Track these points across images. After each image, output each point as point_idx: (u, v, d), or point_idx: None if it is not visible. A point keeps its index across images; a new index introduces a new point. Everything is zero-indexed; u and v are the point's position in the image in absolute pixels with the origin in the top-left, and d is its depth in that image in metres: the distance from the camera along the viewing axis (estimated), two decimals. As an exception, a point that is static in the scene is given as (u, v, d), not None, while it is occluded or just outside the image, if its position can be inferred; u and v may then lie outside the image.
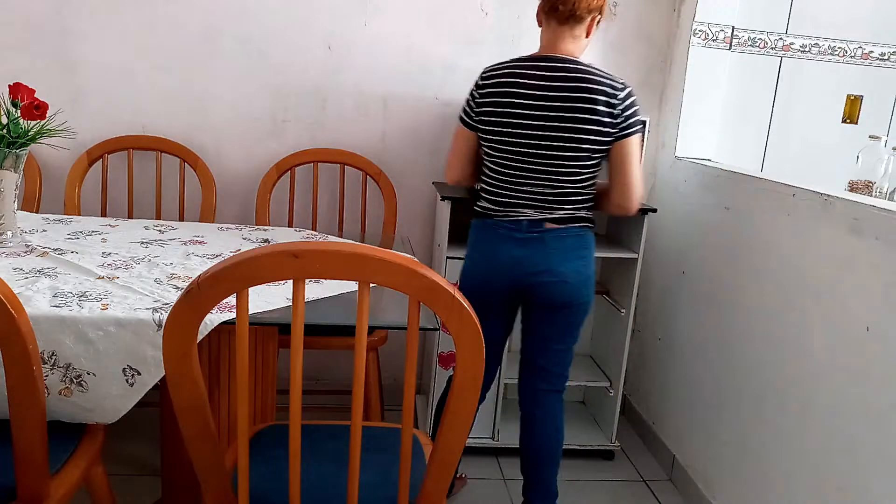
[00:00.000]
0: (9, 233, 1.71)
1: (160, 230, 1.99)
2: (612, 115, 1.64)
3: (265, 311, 1.38)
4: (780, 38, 2.53)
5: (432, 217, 2.59)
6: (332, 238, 2.11)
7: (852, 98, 2.57)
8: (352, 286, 1.55)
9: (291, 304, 1.03)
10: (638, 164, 1.72)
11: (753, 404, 1.88)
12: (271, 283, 1.18)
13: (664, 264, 2.50)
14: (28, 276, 1.48)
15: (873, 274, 1.47)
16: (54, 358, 1.29)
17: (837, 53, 2.55)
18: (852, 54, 2.55)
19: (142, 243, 1.83)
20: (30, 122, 1.67)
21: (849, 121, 2.58)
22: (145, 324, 1.30)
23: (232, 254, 1.51)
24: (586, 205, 1.76)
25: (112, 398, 1.32)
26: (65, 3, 2.31)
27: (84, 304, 1.34)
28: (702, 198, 2.26)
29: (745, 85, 2.54)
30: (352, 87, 2.46)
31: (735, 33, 2.44)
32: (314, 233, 2.25)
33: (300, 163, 2.41)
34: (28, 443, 1.16)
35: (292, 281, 1.02)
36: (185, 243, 1.86)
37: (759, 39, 2.52)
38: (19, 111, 1.64)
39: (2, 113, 1.64)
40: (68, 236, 1.85)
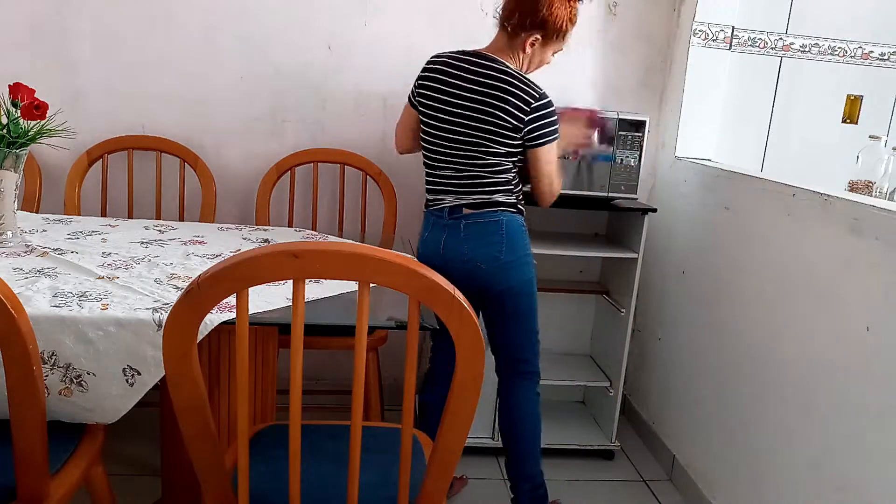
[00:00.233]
0: (9, 233, 1.71)
1: (160, 230, 1.99)
2: (519, 120, 1.72)
3: (265, 311, 1.38)
4: (780, 38, 2.53)
5: (432, 217, 2.58)
6: (332, 238, 2.11)
7: (852, 98, 2.57)
8: (352, 286, 1.55)
9: (291, 304, 1.03)
10: (547, 169, 1.80)
11: (753, 404, 1.88)
12: (271, 283, 1.18)
13: (664, 264, 2.50)
14: (28, 276, 1.48)
15: (873, 274, 1.47)
16: (54, 358, 1.29)
17: (837, 53, 2.55)
18: (852, 54, 2.55)
19: (142, 243, 1.83)
20: (30, 122, 1.67)
21: (849, 121, 2.58)
22: (145, 324, 1.30)
23: (232, 254, 1.51)
24: (503, 189, 1.79)
25: (112, 398, 1.32)
26: (65, 3, 2.31)
27: (84, 304, 1.34)
28: (702, 198, 2.26)
29: (745, 85, 2.54)
30: (352, 87, 2.46)
31: (735, 33, 2.44)
32: (314, 233, 2.25)
33: (300, 163, 2.41)
34: (28, 443, 1.16)
35: (292, 281, 1.02)
36: (185, 243, 1.86)
37: (759, 39, 2.52)
38: (19, 111, 1.64)
39: (2, 113, 1.64)
40: (68, 236, 1.85)
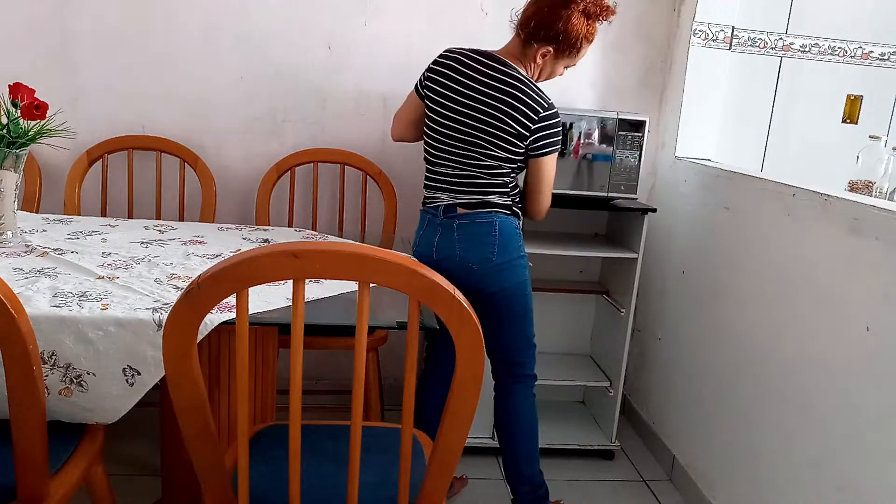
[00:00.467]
0: (9, 233, 1.71)
1: (160, 230, 1.99)
2: (525, 128, 1.73)
3: (265, 311, 1.38)
4: (780, 38, 2.53)
5: (432, 217, 2.58)
6: (332, 238, 2.11)
7: (852, 98, 2.57)
8: (352, 286, 1.55)
9: (291, 304, 1.03)
10: (545, 182, 1.82)
11: (753, 404, 1.88)
12: (271, 283, 1.18)
13: (664, 264, 2.50)
14: (28, 276, 1.48)
15: (873, 274, 1.47)
16: (54, 358, 1.29)
17: (837, 53, 2.55)
18: (852, 54, 2.55)
19: (142, 243, 1.83)
20: (30, 122, 1.67)
21: (849, 121, 2.58)
22: (145, 324, 1.30)
23: (232, 254, 1.51)
24: (500, 191, 1.79)
25: (112, 398, 1.32)
26: (65, 3, 2.31)
27: (84, 304, 1.34)
28: (702, 198, 2.26)
29: (745, 85, 2.54)
30: (352, 87, 2.46)
31: (735, 33, 2.44)
32: (314, 233, 2.25)
33: (300, 163, 2.41)
34: (28, 443, 1.16)
35: (292, 281, 1.02)
36: (185, 243, 1.86)
37: (759, 39, 2.52)
38: (19, 111, 1.64)
39: (2, 113, 1.64)
40: (68, 236, 1.85)
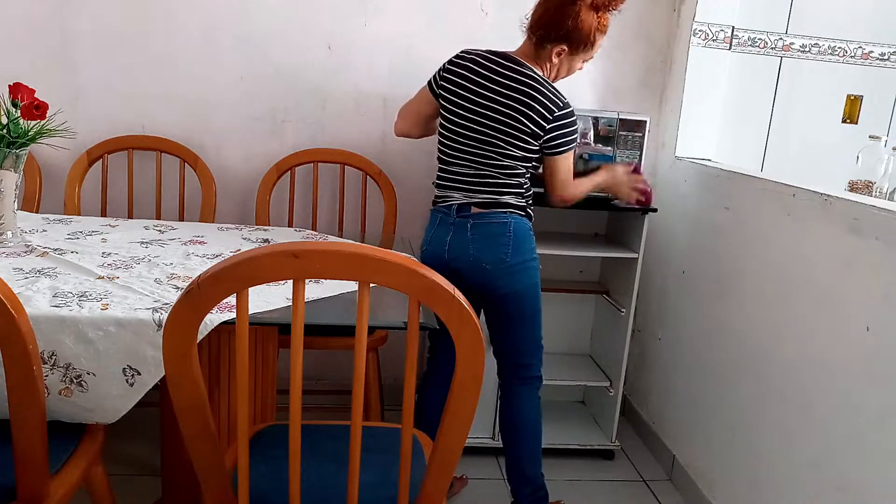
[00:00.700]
0: (9, 233, 1.71)
1: (160, 230, 1.99)
2: (540, 128, 1.75)
3: (265, 311, 1.38)
4: (780, 38, 2.52)
5: (432, 217, 2.58)
6: (332, 238, 2.11)
7: (852, 98, 2.57)
8: (352, 286, 1.55)
9: (291, 304, 1.03)
10: (564, 177, 1.84)
11: (753, 404, 1.88)
12: (271, 283, 1.18)
13: (664, 264, 2.50)
14: (28, 276, 1.48)
15: (873, 274, 1.47)
16: (54, 358, 1.29)
17: (837, 53, 2.55)
18: (852, 54, 2.55)
19: (142, 243, 1.83)
20: (30, 122, 1.67)
21: (849, 121, 2.58)
22: (145, 324, 1.30)
23: (232, 254, 1.51)
24: (514, 191, 1.80)
25: (112, 398, 1.32)
26: (65, 3, 2.31)
27: (84, 304, 1.34)
28: (702, 198, 2.26)
29: (745, 85, 2.54)
30: (352, 87, 2.46)
31: (735, 33, 2.44)
32: (314, 233, 2.25)
33: (300, 163, 2.41)
34: (28, 443, 1.16)
35: (292, 281, 1.02)
36: (185, 243, 1.86)
37: (759, 39, 2.52)
38: (19, 111, 1.64)
39: (2, 113, 1.64)
40: (68, 236, 1.85)
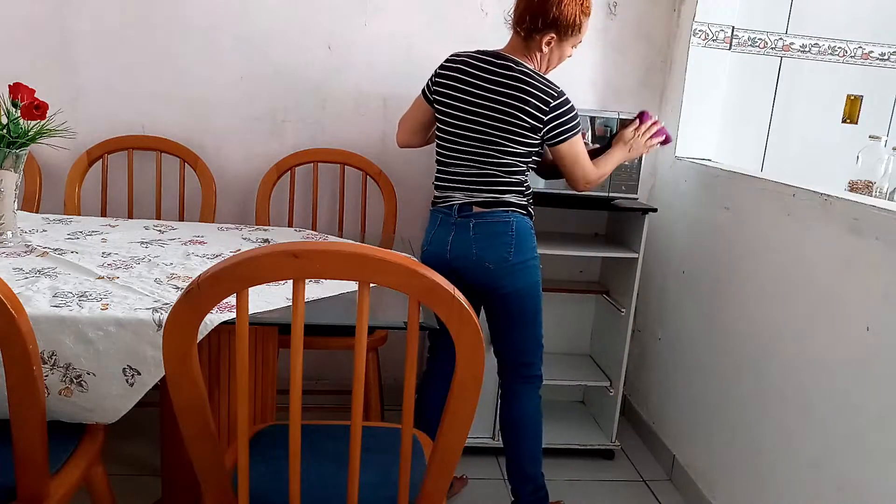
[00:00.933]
0: (9, 233, 1.71)
1: (160, 230, 1.99)
2: (538, 120, 1.74)
3: (265, 311, 1.38)
4: (780, 38, 2.52)
5: (432, 217, 2.58)
6: (332, 238, 2.11)
7: (852, 98, 2.57)
8: (352, 286, 1.55)
9: (291, 304, 1.03)
10: (579, 163, 1.82)
11: (753, 404, 1.88)
12: (271, 283, 1.18)
13: (664, 264, 2.50)
14: (28, 276, 1.48)
15: (873, 274, 1.47)
16: (54, 358, 1.29)
17: (837, 53, 2.55)
18: (852, 54, 2.55)
19: (142, 243, 1.83)
20: (30, 122, 1.67)
21: (849, 121, 2.58)
22: (145, 324, 1.30)
23: (232, 254, 1.51)
24: (515, 190, 1.80)
25: (112, 398, 1.32)
26: (65, 3, 2.31)
27: (84, 304, 1.34)
28: (702, 198, 2.26)
29: (745, 85, 2.54)
30: (352, 87, 2.46)
31: (735, 33, 2.44)
32: (314, 233, 2.25)
33: (300, 163, 2.41)
34: (28, 443, 1.16)
35: (292, 281, 1.02)
36: (185, 243, 1.86)
37: (759, 39, 2.52)
38: (19, 111, 1.64)
39: (2, 113, 1.64)
40: (68, 236, 1.85)
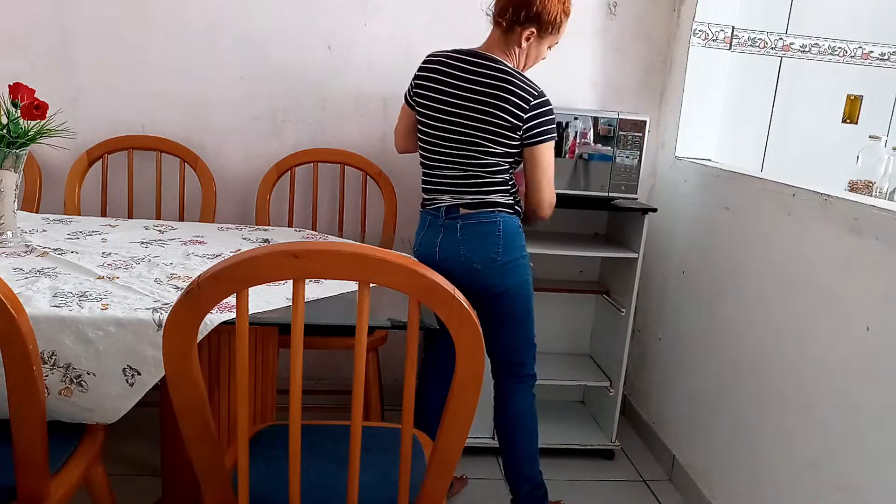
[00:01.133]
0: (9, 233, 1.71)
1: (160, 230, 1.99)
2: (518, 118, 1.72)
3: (265, 311, 1.38)
4: (780, 38, 2.52)
5: (432, 217, 2.58)
6: (332, 238, 2.11)
7: (852, 98, 2.57)
8: (352, 286, 1.55)
9: (291, 304, 1.03)
10: (546, 172, 1.79)
11: (753, 404, 1.88)
12: (271, 283, 1.18)
13: (664, 264, 2.50)
14: (28, 276, 1.48)
15: (873, 274, 1.47)
16: (54, 358, 1.29)
17: (837, 53, 2.55)
18: (852, 54, 2.55)
19: (142, 243, 1.83)
20: (30, 122, 1.67)
21: (849, 121, 2.58)
22: (145, 324, 1.30)
23: (232, 254, 1.51)
24: (501, 189, 1.79)
25: (112, 398, 1.32)
26: (65, 3, 2.31)
27: (84, 304, 1.34)
28: (702, 198, 2.26)
29: (745, 85, 2.54)
30: (352, 87, 2.46)
31: (735, 33, 2.44)
32: (314, 233, 2.25)
33: (300, 163, 2.41)
34: (28, 443, 1.16)
35: (292, 281, 1.02)
36: (185, 243, 1.86)
37: (759, 39, 2.52)
38: (19, 111, 1.64)
39: (2, 113, 1.64)
40: (68, 236, 1.85)
